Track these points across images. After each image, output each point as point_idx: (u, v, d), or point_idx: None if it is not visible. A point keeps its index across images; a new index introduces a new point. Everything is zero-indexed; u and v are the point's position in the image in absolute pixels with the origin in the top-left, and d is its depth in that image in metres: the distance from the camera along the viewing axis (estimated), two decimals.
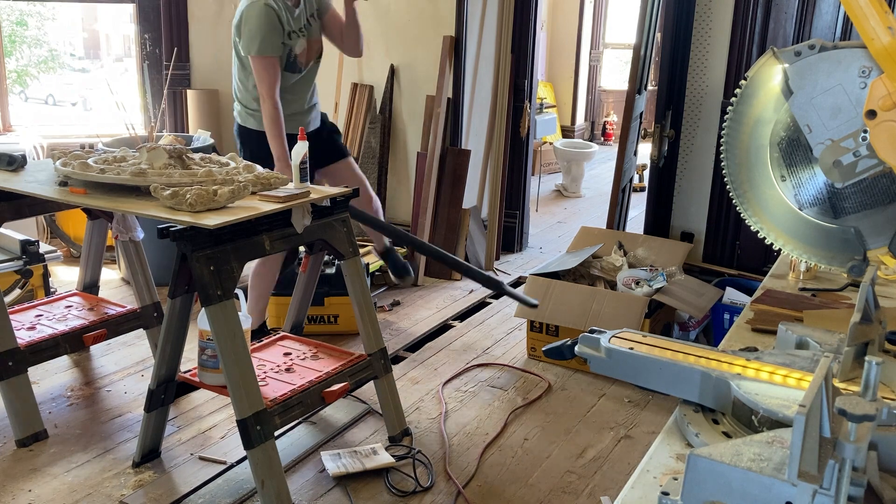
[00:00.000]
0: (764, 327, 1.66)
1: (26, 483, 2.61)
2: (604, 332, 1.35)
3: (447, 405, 3.22)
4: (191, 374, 2.66)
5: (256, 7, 3.09)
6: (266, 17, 3.07)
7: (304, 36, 3.27)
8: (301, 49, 3.26)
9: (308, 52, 3.32)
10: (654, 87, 5.09)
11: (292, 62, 3.26)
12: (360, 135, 5.03)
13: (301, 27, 3.27)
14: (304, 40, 3.27)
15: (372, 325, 2.86)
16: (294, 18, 3.22)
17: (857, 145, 1.70)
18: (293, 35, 3.22)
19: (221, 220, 2.25)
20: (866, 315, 1.27)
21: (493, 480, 2.72)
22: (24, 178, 2.77)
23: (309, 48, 3.32)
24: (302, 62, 3.31)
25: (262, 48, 3.08)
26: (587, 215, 6.53)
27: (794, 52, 1.73)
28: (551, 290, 3.60)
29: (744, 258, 3.98)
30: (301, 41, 3.25)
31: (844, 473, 0.82)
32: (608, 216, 4.29)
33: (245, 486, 2.59)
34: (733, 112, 1.83)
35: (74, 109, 9.57)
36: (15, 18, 8.38)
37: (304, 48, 3.28)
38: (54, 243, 4.84)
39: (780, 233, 1.85)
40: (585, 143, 7.79)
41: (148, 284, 3.30)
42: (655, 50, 5.00)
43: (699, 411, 1.21)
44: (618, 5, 9.77)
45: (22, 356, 2.84)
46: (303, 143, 2.64)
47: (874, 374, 0.91)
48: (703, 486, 0.89)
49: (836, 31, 3.56)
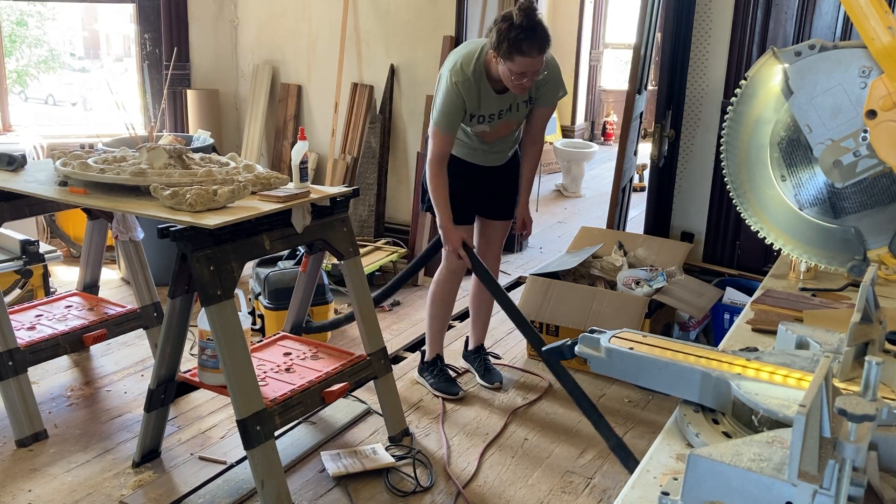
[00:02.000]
0: (764, 327, 1.66)
1: (26, 483, 2.61)
2: (604, 332, 1.35)
3: (447, 405, 3.22)
4: (191, 374, 2.66)
5: (448, 83, 2.84)
6: (450, 97, 2.83)
7: (493, 122, 2.95)
8: (481, 131, 2.98)
9: (492, 133, 3.01)
10: (654, 87, 5.09)
11: (472, 134, 3.01)
12: (360, 135, 5.03)
13: (498, 112, 2.93)
14: (488, 126, 2.96)
15: (372, 325, 2.86)
16: (492, 102, 2.89)
17: (857, 145, 1.70)
18: (475, 120, 2.93)
19: (221, 219, 2.25)
20: (866, 315, 1.27)
21: (493, 480, 2.72)
22: (24, 178, 2.76)
23: (496, 131, 3.00)
24: (481, 137, 3.02)
25: (437, 121, 2.89)
26: (587, 215, 6.53)
27: (794, 52, 1.73)
28: (551, 290, 3.60)
29: (744, 258, 3.98)
30: (483, 126, 2.95)
31: (844, 473, 0.82)
32: (608, 216, 4.29)
33: (245, 486, 2.59)
34: (733, 112, 1.83)
35: (74, 109, 9.57)
36: (15, 18, 8.38)
37: (485, 131, 2.98)
38: (54, 243, 4.84)
39: (780, 233, 1.85)
40: (585, 143, 7.79)
41: (148, 284, 3.30)
42: (655, 50, 5.00)
43: (699, 411, 1.21)
44: (618, 5, 9.77)
45: (22, 356, 2.84)
46: (303, 143, 2.64)
47: (874, 374, 0.91)
48: (703, 486, 0.89)
49: (836, 31, 3.56)
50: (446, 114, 2.85)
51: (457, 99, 2.83)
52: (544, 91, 2.98)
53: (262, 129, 5.45)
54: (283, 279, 3.70)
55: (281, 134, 5.43)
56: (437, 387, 3.31)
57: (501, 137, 3.06)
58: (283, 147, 5.42)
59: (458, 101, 2.84)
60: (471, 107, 2.87)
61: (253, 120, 5.45)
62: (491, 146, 3.08)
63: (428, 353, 3.40)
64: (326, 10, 5.10)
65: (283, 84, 5.39)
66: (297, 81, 5.36)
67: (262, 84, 5.41)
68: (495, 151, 3.12)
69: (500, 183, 3.19)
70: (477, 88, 2.84)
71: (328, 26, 5.12)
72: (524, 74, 2.71)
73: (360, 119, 5.02)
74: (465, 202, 3.10)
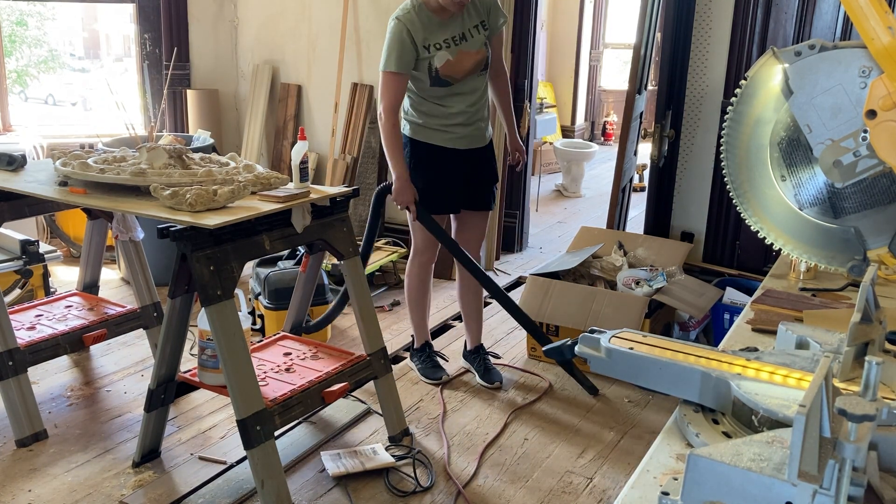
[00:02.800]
0: (764, 327, 1.66)
1: (26, 483, 2.61)
2: (604, 332, 1.35)
3: (447, 405, 3.22)
4: (191, 374, 2.66)
5: (391, 24, 2.95)
6: (395, 33, 2.92)
7: (450, 47, 2.98)
8: (442, 62, 2.97)
9: (457, 65, 3.00)
10: (654, 87, 5.09)
11: (434, 76, 3.00)
12: (360, 135, 5.03)
13: (450, 38, 2.98)
14: (449, 52, 2.97)
15: (372, 325, 2.86)
16: (440, 30, 2.96)
17: (857, 145, 1.70)
18: (432, 48, 2.96)
19: (221, 219, 2.25)
20: (866, 315, 1.27)
21: (493, 480, 2.72)
22: (24, 178, 2.77)
23: (459, 61, 3.00)
24: (448, 75, 3.00)
25: (385, 63, 2.96)
26: (587, 215, 6.53)
27: (794, 52, 1.73)
28: (551, 290, 3.60)
29: (744, 258, 3.98)
30: (442, 53, 2.97)
31: (844, 473, 0.82)
32: (608, 216, 4.29)
33: (245, 486, 2.59)
34: (733, 112, 1.83)
35: (74, 109, 9.57)
36: (15, 18, 8.39)
37: (449, 60, 2.98)
38: (54, 243, 4.84)
39: (780, 233, 1.85)
40: (585, 143, 7.78)
41: (148, 284, 3.31)
42: (655, 50, 5.00)
43: (699, 411, 1.21)
44: (618, 5, 9.77)
45: (22, 356, 2.84)
46: (303, 143, 2.64)
47: (874, 374, 0.91)
48: (703, 486, 0.89)
49: (836, 31, 3.56)
50: (393, 51, 2.94)
51: (401, 32, 2.92)
52: (492, 20, 3.09)
53: (262, 129, 5.45)
54: (283, 279, 3.70)
55: (281, 134, 5.43)
56: (424, 372, 3.46)
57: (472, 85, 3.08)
58: (283, 147, 5.42)
59: (402, 34, 2.92)
60: (418, 36, 2.94)
61: (253, 120, 5.45)
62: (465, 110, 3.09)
63: (416, 342, 3.53)
64: (326, 10, 5.10)
65: (283, 84, 5.39)
66: (297, 81, 5.36)
67: (262, 84, 5.41)
68: (471, 123, 3.12)
69: (478, 171, 3.23)
70: (419, 18, 2.94)
71: (328, 26, 5.12)
72: None
73: (360, 119, 5.02)
74: (446, 191, 3.16)
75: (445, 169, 3.13)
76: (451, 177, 3.15)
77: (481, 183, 3.25)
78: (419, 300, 3.41)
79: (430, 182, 3.11)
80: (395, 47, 2.92)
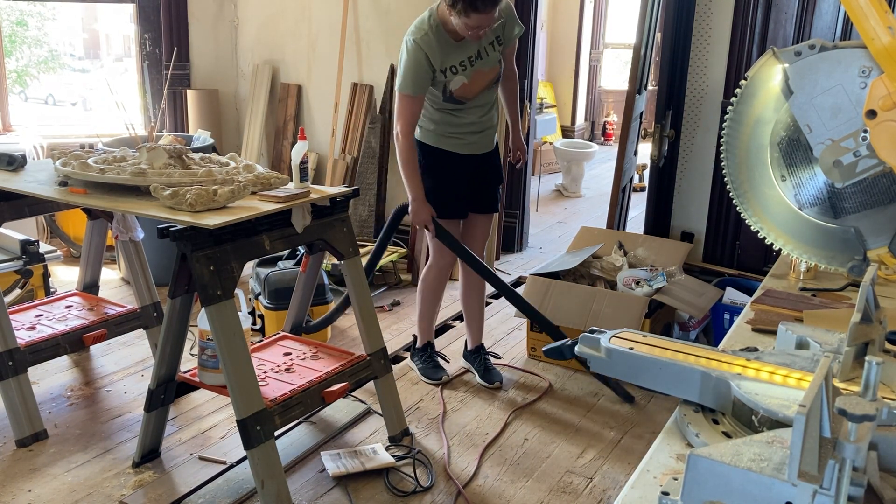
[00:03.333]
0: (764, 327, 1.66)
1: (26, 483, 2.61)
2: (604, 332, 1.35)
3: (447, 405, 3.22)
4: (191, 374, 2.66)
5: (408, 44, 2.92)
6: (412, 55, 2.90)
7: (466, 69, 2.97)
8: (458, 86, 2.98)
9: (472, 86, 3.01)
10: (654, 87, 5.09)
11: (448, 96, 3.01)
12: (360, 135, 5.03)
13: (466, 59, 2.96)
14: (465, 75, 2.97)
15: (372, 325, 2.86)
16: (456, 52, 2.94)
17: (857, 145, 1.70)
18: (448, 72, 2.95)
19: (221, 219, 2.25)
20: (866, 315, 1.27)
21: (493, 480, 2.72)
22: (24, 178, 2.76)
23: (474, 81, 3.00)
24: (462, 96, 3.02)
25: (402, 84, 2.95)
26: (587, 215, 6.53)
27: (794, 52, 1.73)
28: (551, 290, 3.60)
29: (744, 258, 3.98)
30: (458, 78, 2.96)
31: (844, 473, 0.82)
32: (608, 216, 4.29)
33: (245, 486, 2.59)
34: (733, 112, 1.83)
35: (74, 109, 9.58)
36: (15, 18, 8.39)
37: (465, 83, 2.98)
38: (54, 243, 4.84)
39: (780, 233, 1.85)
40: (585, 143, 7.78)
41: (148, 284, 3.30)
42: (655, 50, 5.00)
43: (699, 411, 1.21)
44: (618, 5, 9.77)
45: (22, 356, 2.84)
46: (303, 143, 2.64)
47: (874, 374, 0.91)
48: (703, 486, 0.89)
49: (836, 31, 3.56)
50: (410, 73, 2.92)
51: (418, 55, 2.90)
52: (507, 32, 3.07)
53: (262, 129, 5.45)
54: (283, 279, 3.70)
55: (281, 134, 5.43)
56: (424, 372, 3.46)
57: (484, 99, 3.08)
58: (283, 147, 5.42)
59: (420, 57, 2.90)
60: (436, 60, 2.92)
61: (253, 120, 5.45)
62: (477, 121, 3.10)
63: (419, 341, 3.53)
64: (326, 10, 5.10)
65: (283, 84, 5.39)
66: (297, 81, 5.36)
67: (262, 84, 5.41)
68: (481, 131, 3.14)
69: (485, 175, 3.25)
70: (437, 40, 2.92)
71: (328, 26, 5.12)
72: (480, 27, 2.82)
73: (360, 119, 5.02)
74: (455, 196, 3.18)
75: (455, 173, 3.15)
76: (459, 180, 3.17)
77: (487, 186, 3.28)
78: (432, 302, 3.43)
79: (438, 185, 3.13)
80: (411, 69, 2.91)
